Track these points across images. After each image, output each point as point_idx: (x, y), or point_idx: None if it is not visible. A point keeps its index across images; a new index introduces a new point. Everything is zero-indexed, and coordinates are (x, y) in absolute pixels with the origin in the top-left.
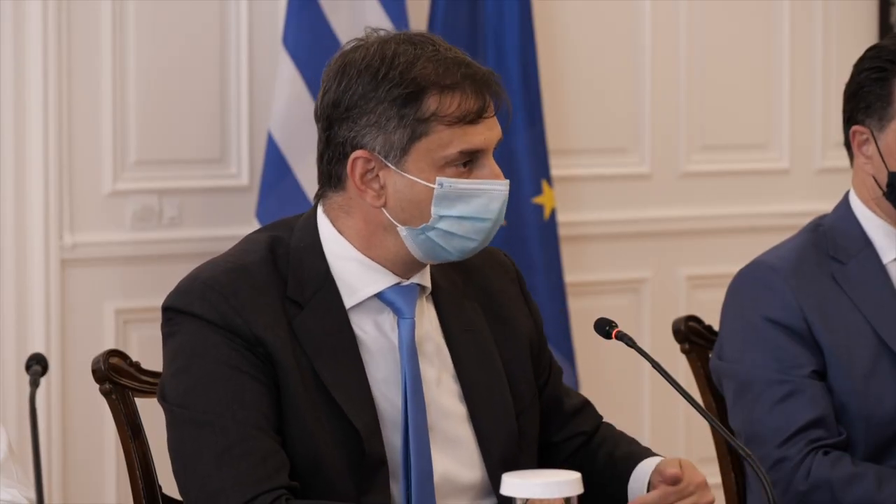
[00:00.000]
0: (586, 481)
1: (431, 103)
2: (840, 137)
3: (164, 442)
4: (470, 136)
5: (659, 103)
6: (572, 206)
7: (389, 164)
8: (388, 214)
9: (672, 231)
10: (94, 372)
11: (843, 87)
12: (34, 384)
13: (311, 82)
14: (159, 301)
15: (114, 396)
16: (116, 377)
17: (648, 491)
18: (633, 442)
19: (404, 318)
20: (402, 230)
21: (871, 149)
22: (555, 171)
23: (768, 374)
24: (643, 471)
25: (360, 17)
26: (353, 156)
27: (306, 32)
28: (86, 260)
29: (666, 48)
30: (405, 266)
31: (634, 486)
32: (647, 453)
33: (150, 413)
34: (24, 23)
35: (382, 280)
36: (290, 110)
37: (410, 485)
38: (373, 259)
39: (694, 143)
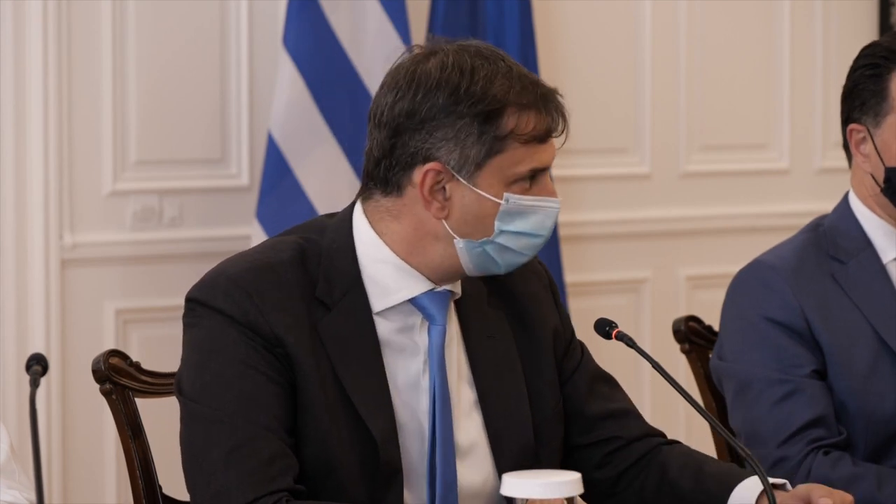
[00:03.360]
0: (653, 499)
1: (510, 121)
2: (840, 137)
3: (165, 442)
4: (540, 154)
5: (659, 103)
6: (572, 206)
7: (461, 179)
8: (447, 226)
9: (672, 231)
10: (94, 372)
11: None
12: (34, 384)
13: (311, 82)
14: (160, 301)
15: (114, 396)
16: (116, 377)
17: None
18: (716, 462)
19: (436, 324)
20: (460, 242)
21: (868, 147)
22: (555, 172)
23: (768, 374)
24: (743, 495)
25: (361, 17)
26: (426, 167)
27: (306, 33)
28: (86, 260)
29: (666, 48)
30: (445, 275)
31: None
32: (740, 475)
33: (151, 413)
34: (24, 23)
35: (417, 285)
36: (290, 110)
37: (435, 494)
38: (411, 265)
39: (694, 143)
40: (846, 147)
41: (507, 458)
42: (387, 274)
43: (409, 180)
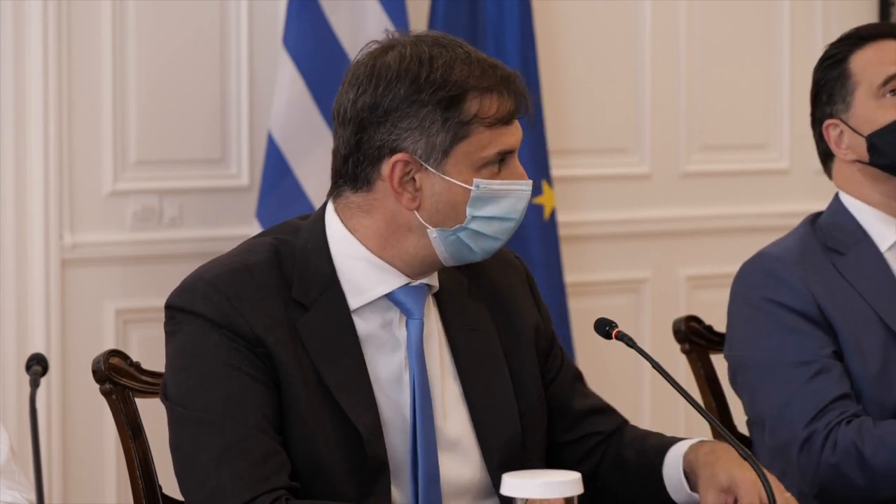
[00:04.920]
0: (608, 481)
1: (473, 106)
2: None
3: (165, 442)
4: (506, 136)
5: (659, 103)
6: (572, 206)
7: (429, 167)
8: (419, 216)
9: (672, 231)
10: (94, 372)
11: None
12: (34, 384)
13: (311, 82)
14: (159, 301)
15: (114, 396)
16: (116, 377)
17: (686, 476)
18: (661, 435)
19: (413, 318)
20: (433, 232)
21: (847, 136)
22: (555, 172)
23: (791, 357)
24: (676, 453)
25: (361, 17)
26: (393, 159)
27: (306, 32)
28: (86, 260)
29: (666, 48)
30: (420, 267)
31: (669, 472)
32: (678, 440)
33: (151, 413)
34: (24, 23)
35: (392, 280)
36: (290, 110)
37: (418, 487)
38: (385, 260)
39: (694, 143)
40: (824, 159)
41: (495, 449)
42: (361, 271)
43: (378, 174)
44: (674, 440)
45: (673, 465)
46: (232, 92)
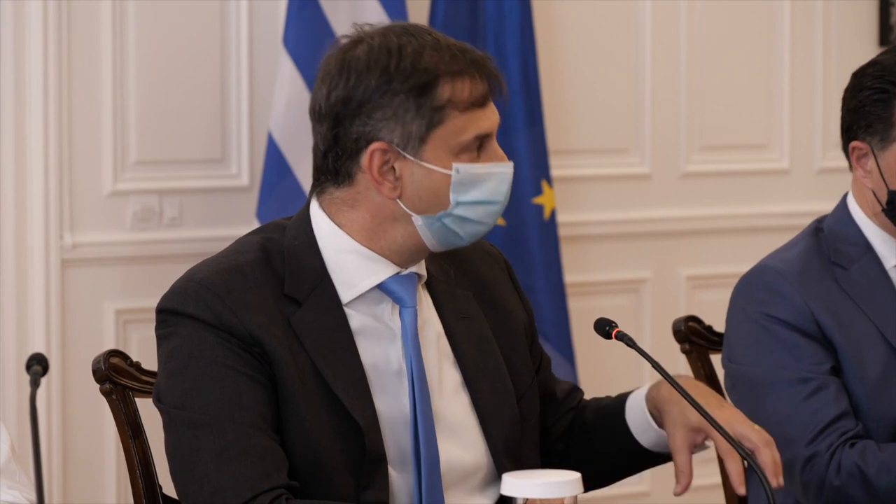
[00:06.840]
0: (584, 450)
1: (445, 91)
2: (840, 139)
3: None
4: (482, 120)
5: (659, 103)
6: (572, 206)
7: (407, 155)
8: (402, 205)
9: (672, 231)
10: (94, 372)
11: (843, 87)
12: (34, 384)
13: (311, 82)
14: None
15: (114, 396)
16: (117, 377)
17: (652, 416)
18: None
19: (406, 307)
20: (418, 219)
21: (870, 163)
22: (555, 171)
23: (789, 374)
24: (637, 397)
25: (361, 18)
26: (370, 149)
27: (306, 33)
28: (86, 260)
29: (666, 48)
30: (409, 256)
31: (632, 415)
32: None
33: (151, 413)
34: (24, 23)
35: (383, 271)
36: (290, 110)
37: (421, 475)
38: (374, 251)
39: (694, 143)
40: (846, 151)
41: (498, 434)
42: (352, 263)
43: (358, 166)
44: (633, 391)
45: (636, 408)
46: (232, 92)
